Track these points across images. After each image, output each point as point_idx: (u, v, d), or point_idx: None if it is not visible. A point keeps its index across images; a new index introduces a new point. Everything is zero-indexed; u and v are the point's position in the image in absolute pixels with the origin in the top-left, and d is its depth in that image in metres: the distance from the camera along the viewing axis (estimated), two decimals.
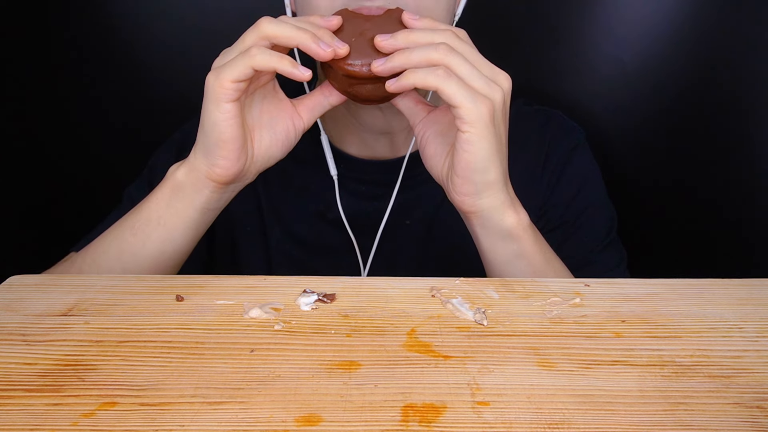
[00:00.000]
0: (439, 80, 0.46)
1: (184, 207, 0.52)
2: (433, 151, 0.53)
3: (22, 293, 0.45)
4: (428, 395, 0.34)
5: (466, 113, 0.46)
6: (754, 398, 0.34)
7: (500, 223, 0.51)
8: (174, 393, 0.34)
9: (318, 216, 0.68)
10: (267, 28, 0.47)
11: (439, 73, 0.46)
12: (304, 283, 0.46)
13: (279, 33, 0.47)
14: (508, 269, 0.53)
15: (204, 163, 0.51)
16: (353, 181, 0.66)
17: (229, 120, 0.48)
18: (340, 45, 0.48)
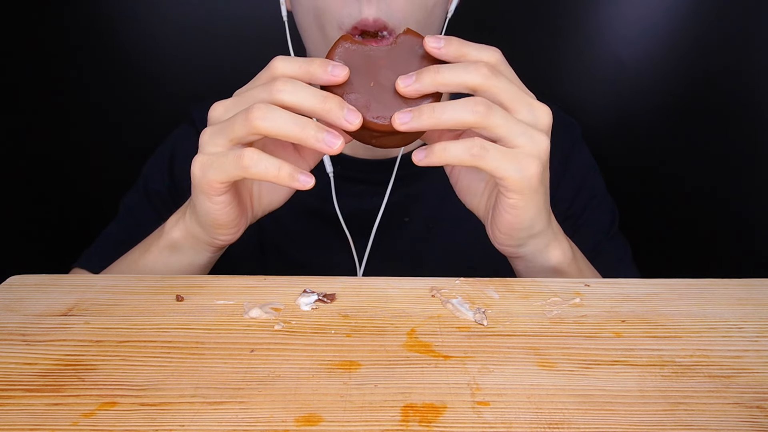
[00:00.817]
0: (476, 159, 0.41)
1: (186, 261, 0.51)
2: (466, 187, 0.50)
3: (22, 293, 0.45)
4: (428, 395, 0.34)
5: (511, 183, 0.42)
6: (754, 398, 0.34)
7: (545, 263, 0.49)
8: (174, 393, 0.34)
9: (313, 214, 0.68)
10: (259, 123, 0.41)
11: (475, 151, 0.41)
12: (304, 283, 0.46)
13: (273, 129, 0.41)
14: None
15: (203, 234, 0.49)
16: (349, 180, 0.66)
17: (224, 209, 0.46)
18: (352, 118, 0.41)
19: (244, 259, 0.69)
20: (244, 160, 0.41)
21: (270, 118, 0.40)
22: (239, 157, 0.42)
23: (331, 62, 0.42)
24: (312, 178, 0.42)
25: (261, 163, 0.41)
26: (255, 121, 0.41)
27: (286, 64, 0.43)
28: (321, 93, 0.41)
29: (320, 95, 0.41)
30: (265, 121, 0.40)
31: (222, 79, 0.87)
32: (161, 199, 0.70)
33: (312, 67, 0.42)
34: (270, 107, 0.41)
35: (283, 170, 0.41)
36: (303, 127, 0.40)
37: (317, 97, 0.41)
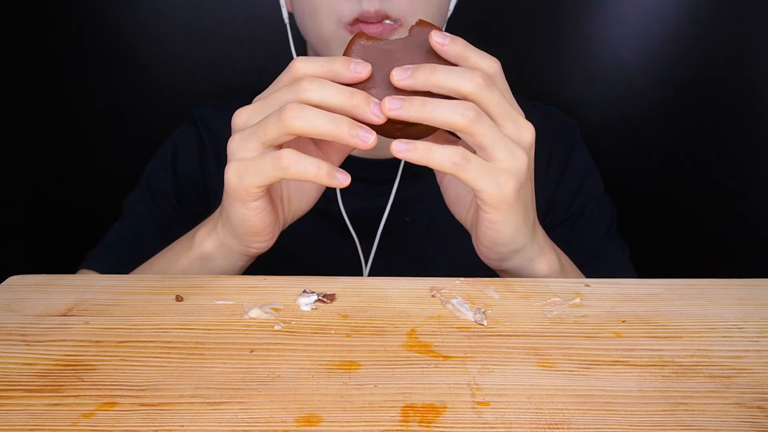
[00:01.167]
0: (456, 168, 0.41)
1: (219, 271, 0.51)
2: (454, 197, 0.50)
3: (21, 293, 0.45)
4: (428, 395, 0.34)
5: (488, 197, 0.43)
6: (755, 398, 0.34)
7: (532, 275, 0.49)
8: (174, 393, 0.34)
9: (316, 214, 0.68)
10: (293, 122, 0.41)
11: (457, 160, 0.41)
12: (303, 283, 0.46)
13: (309, 128, 0.41)
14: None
15: (236, 243, 0.49)
16: (353, 180, 0.66)
17: (259, 214, 0.46)
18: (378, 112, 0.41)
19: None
20: (283, 161, 0.41)
21: (303, 117, 0.40)
22: (278, 158, 0.41)
23: (353, 60, 0.42)
24: (348, 176, 0.42)
25: (300, 162, 0.41)
26: (289, 120, 0.40)
27: (307, 65, 0.43)
28: (347, 89, 0.41)
29: (347, 91, 0.41)
30: (299, 121, 0.40)
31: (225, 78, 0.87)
32: (165, 198, 0.70)
33: (335, 66, 0.42)
34: (302, 106, 0.41)
35: (322, 169, 0.41)
36: (338, 124, 0.40)
37: (344, 94, 0.41)
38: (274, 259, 0.69)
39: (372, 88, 0.43)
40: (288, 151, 0.42)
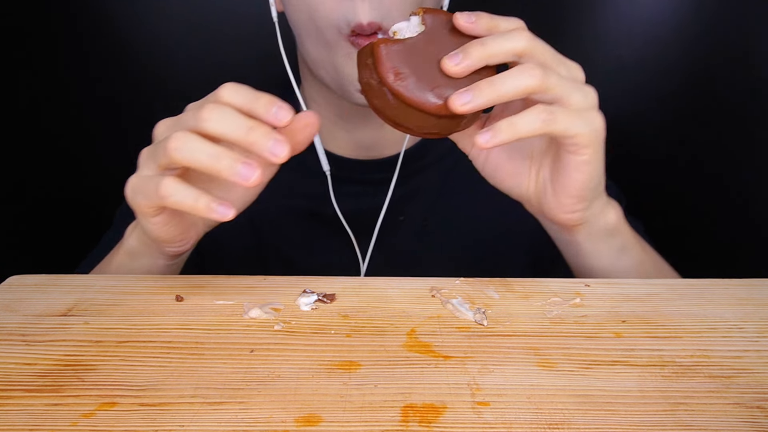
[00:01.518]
0: (547, 125, 0.40)
1: (145, 268, 0.51)
2: (510, 172, 0.48)
3: (21, 293, 0.45)
4: (428, 395, 0.34)
5: (583, 138, 0.42)
6: (755, 398, 0.34)
7: (605, 224, 0.48)
8: (174, 393, 0.34)
9: (310, 216, 0.68)
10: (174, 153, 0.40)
11: (544, 116, 0.40)
12: (303, 283, 0.46)
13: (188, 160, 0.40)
14: (613, 268, 0.51)
15: (153, 243, 0.48)
16: (345, 181, 0.66)
17: (162, 227, 0.45)
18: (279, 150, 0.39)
19: (242, 263, 0.70)
20: (161, 190, 0.41)
21: (185, 149, 0.40)
22: (158, 186, 0.41)
23: (277, 103, 0.41)
24: (231, 210, 0.40)
25: (178, 193, 0.41)
26: (171, 151, 0.40)
27: (231, 92, 0.42)
28: (247, 123, 0.40)
29: (245, 126, 0.40)
30: (180, 152, 0.40)
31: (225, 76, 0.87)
32: None
33: (257, 104, 0.41)
34: (187, 137, 0.40)
35: (200, 201, 0.40)
36: (217, 159, 0.39)
37: (242, 128, 0.40)
38: (268, 261, 0.69)
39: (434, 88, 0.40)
40: (168, 180, 0.41)
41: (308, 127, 0.44)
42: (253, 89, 0.42)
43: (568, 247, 0.51)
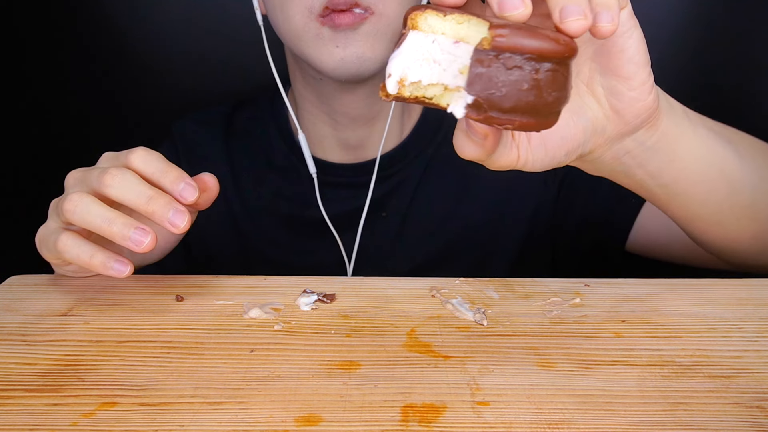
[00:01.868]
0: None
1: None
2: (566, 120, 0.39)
3: (21, 293, 0.45)
4: (428, 395, 0.34)
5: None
6: (754, 398, 0.34)
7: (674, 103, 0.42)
8: (174, 393, 0.34)
9: (294, 219, 0.69)
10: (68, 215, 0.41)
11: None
12: (304, 283, 0.46)
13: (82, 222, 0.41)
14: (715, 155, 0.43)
15: None
16: (329, 184, 0.67)
17: (78, 271, 0.46)
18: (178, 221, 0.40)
19: (227, 268, 0.70)
20: (58, 246, 0.42)
21: (78, 212, 0.41)
22: (56, 241, 0.42)
23: (185, 180, 0.42)
24: (127, 267, 0.42)
25: (73, 249, 0.42)
26: (65, 212, 0.41)
27: (140, 160, 0.43)
28: (148, 193, 0.41)
29: (146, 195, 0.41)
30: (74, 215, 0.41)
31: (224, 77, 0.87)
32: None
33: (164, 178, 0.42)
34: (83, 200, 0.41)
35: (95, 258, 0.42)
36: (110, 223, 0.41)
37: (142, 197, 0.41)
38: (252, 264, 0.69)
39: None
40: (65, 236, 0.42)
41: (206, 193, 0.45)
42: (165, 160, 0.43)
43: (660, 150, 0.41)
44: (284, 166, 0.69)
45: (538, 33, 0.28)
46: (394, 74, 0.30)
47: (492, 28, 0.28)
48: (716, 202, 0.45)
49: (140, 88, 0.90)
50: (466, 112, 0.29)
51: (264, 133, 0.70)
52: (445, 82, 0.30)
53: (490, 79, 0.28)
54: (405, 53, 0.30)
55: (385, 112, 0.65)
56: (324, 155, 0.67)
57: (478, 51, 0.28)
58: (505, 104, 0.28)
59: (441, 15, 0.29)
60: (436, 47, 0.30)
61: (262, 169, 0.69)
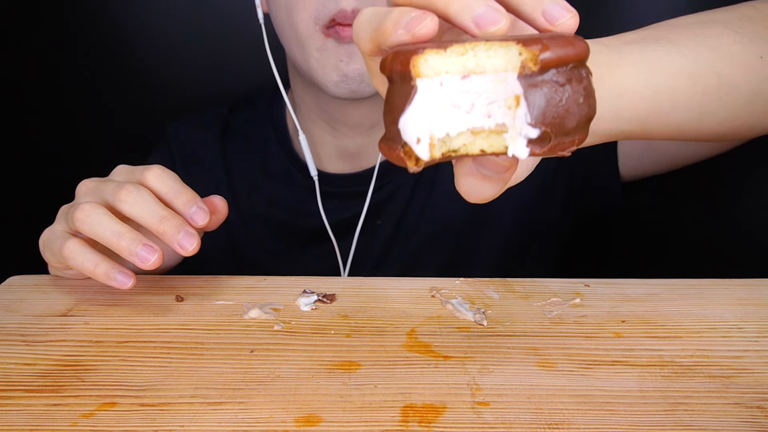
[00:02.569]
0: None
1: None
2: None
3: (21, 293, 0.45)
4: (428, 395, 0.34)
5: None
6: (755, 398, 0.34)
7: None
8: (174, 393, 0.34)
9: (288, 227, 0.69)
10: (78, 224, 0.42)
11: None
12: (303, 283, 0.46)
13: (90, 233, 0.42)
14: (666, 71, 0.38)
15: None
16: (324, 194, 0.67)
17: (78, 275, 0.46)
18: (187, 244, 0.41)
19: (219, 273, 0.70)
20: (64, 251, 0.42)
21: (89, 222, 0.41)
22: (62, 246, 0.43)
23: (197, 203, 0.43)
24: (131, 279, 0.42)
25: (79, 257, 0.42)
26: (76, 221, 0.42)
27: (157, 178, 0.44)
28: (161, 213, 0.41)
29: (159, 215, 0.41)
30: (84, 224, 0.42)
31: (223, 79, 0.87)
32: None
33: (177, 199, 0.43)
34: (95, 211, 0.42)
35: (99, 268, 0.42)
36: (118, 237, 0.41)
37: (155, 217, 0.41)
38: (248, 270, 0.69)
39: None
40: (72, 243, 0.42)
41: (215, 215, 0.46)
42: (179, 180, 0.44)
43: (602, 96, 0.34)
44: (280, 173, 0.68)
45: (560, 38, 0.25)
46: (423, 137, 0.25)
47: (525, 46, 0.24)
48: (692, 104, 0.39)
49: (136, 90, 0.89)
50: (530, 150, 0.25)
51: (261, 137, 0.70)
52: (474, 126, 0.26)
53: (551, 102, 0.25)
54: (423, 108, 0.25)
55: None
56: (321, 165, 0.67)
57: (525, 77, 0.25)
58: (569, 125, 0.25)
59: (442, 51, 0.25)
60: (446, 90, 0.25)
61: (257, 174, 0.69)
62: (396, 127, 0.25)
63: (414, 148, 0.25)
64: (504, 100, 0.25)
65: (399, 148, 0.26)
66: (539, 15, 0.27)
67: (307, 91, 0.65)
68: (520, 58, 0.25)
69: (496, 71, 0.25)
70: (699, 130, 0.41)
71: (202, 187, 0.46)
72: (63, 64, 0.88)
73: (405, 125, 0.25)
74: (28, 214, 0.92)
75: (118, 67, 0.88)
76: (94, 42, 0.87)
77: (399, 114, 0.25)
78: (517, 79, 0.25)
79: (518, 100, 0.25)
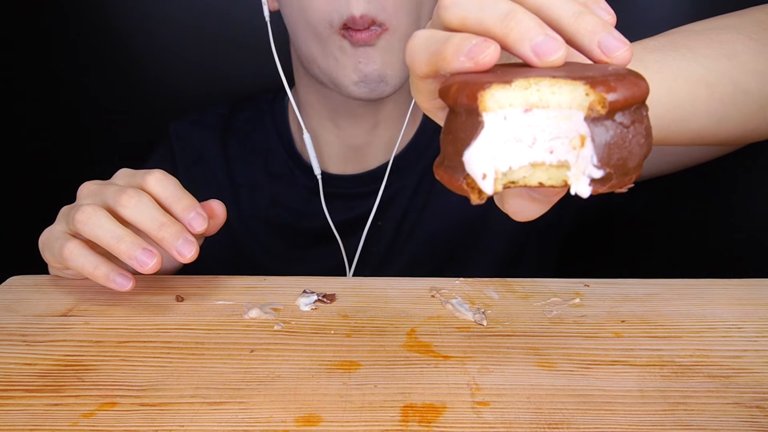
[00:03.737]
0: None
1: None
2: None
3: (22, 294, 0.45)
4: (428, 395, 0.34)
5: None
6: (754, 398, 0.34)
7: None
8: (174, 393, 0.34)
9: (289, 228, 0.69)
10: (79, 226, 0.42)
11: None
12: (303, 283, 0.46)
13: (90, 235, 0.42)
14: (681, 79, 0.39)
15: None
16: (330, 196, 0.67)
17: (76, 275, 0.46)
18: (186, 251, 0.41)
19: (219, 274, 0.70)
20: (64, 253, 0.43)
21: (90, 224, 0.42)
22: (62, 247, 0.43)
23: (196, 209, 0.43)
24: (130, 282, 0.42)
25: (79, 259, 0.42)
26: (76, 223, 0.42)
27: (158, 183, 0.44)
28: (160, 219, 0.42)
29: (158, 221, 0.42)
30: (84, 226, 0.42)
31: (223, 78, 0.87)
32: None
33: (176, 204, 0.43)
34: (96, 213, 0.42)
35: (98, 270, 0.42)
36: (118, 241, 0.41)
37: (155, 223, 0.42)
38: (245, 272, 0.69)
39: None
40: (72, 244, 0.43)
41: (213, 219, 0.46)
42: (180, 186, 0.44)
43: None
44: (282, 173, 0.68)
45: (625, 80, 0.25)
46: (488, 172, 0.25)
47: (594, 88, 0.24)
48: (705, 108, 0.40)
49: (137, 91, 0.90)
50: (592, 189, 0.25)
51: (263, 137, 0.70)
52: (535, 160, 0.26)
53: (618, 144, 0.25)
54: (488, 143, 0.25)
55: (389, 119, 0.65)
56: (323, 165, 0.67)
57: (593, 119, 0.25)
58: (630, 164, 0.25)
59: (507, 85, 0.25)
60: (509, 123, 0.26)
61: (259, 174, 0.69)
62: (460, 158, 0.25)
63: (479, 183, 0.26)
64: (569, 138, 0.26)
65: (461, 180, 0.26)
66: (595, 47, 0.27)
67: (312, 88, 0.65)
68: (588, 99, 0.25)
69: (560, 107, 0.25)
70: (716, 135, 0.42)
71: (203, 186, 0.46)
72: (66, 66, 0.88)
73: (470, 159, 0.25)
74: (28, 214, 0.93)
75: (120, 67, 0.88)
76: (96, 42, 0.87)
77: (464, 147, 0.25)
78: (584, 120, 0.25)
79: (583, 140, 0.25)
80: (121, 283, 0.42)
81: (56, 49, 0.87)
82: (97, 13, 0.86)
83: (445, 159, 0.27)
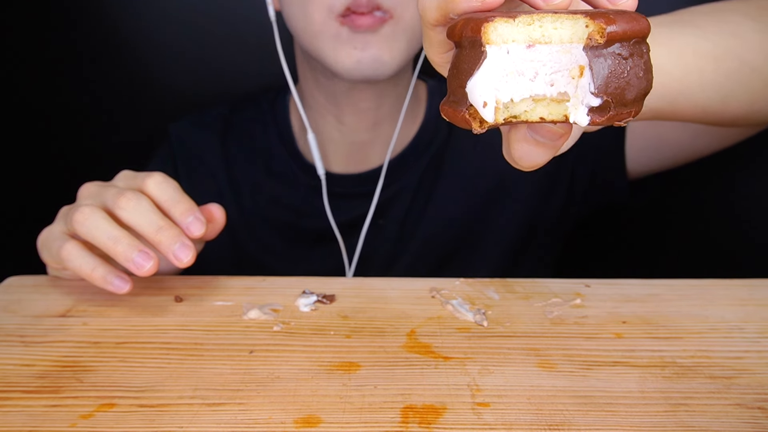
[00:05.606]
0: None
1: None
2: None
3: (20, 294, 0.45)
4: (428, 396, 0.34)
5: None
6: (756, 399, 0.34)
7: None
8: (173, 394, 0.34)
9: (290, 227, 0.69)
10: (76, 226, 0.42)
11: None
12: (303, 284, 0.45)
13: (88, 236, 0.42)
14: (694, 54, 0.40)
15: None
16: (330, 194, 0.66)
17: (73, 276, 0.46)
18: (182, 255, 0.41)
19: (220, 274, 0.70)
20: (62, 253, 0.43)
21: (87, 225, 0.42)
22: (60, 248, 0.43)
23: (194, 213, 0.43)
24: (127, 284, 0.42)
25: (77, 260, 0.42)
26: (74, 223, 0.42)
27: (157, 186, 0.44)
28: (158, 223, 0.42)
29: (156, 225, 0.42)
30: (82, 227, 0.42)
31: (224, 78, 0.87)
32: None
33: (174, 208, 0.43)
34: (94, 214, 0.42)
35: (96, 272, 0.42)
36: (115, 242, 0.41)
37: (152, 226, 0.42)
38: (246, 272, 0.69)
39: None
40: (70, 245, 0.43)
41: (212, 224, 0.46)
42: (179, 189, 0.44)
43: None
44: (283, 173, 0.68)
45: (625, 14, 0.26)
46: (489, 100, 0.26)
47: (594, 20, 0.26)
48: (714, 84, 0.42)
49: (138, 92, 0.90)
50: (591, 119, 0.26)
51: (264, 137, 0.70)
52: (536, 93, 0.27)
53: (615, 74, 0.26)
54: (490, 73, 0.26)
55: (390, 116, 0.65)
56: (326, 165, 0.67)
57: (591, 48, 0.26)
58: (629, 96, 0.26)
59: (511, 20, 0.26)
60: (512, 58, 0.27)
61: (259, 174, 0.69)
62: (463, 90, 0.26)
63: (480, 111, 0.27)
64: (568, 70, 0.26)
65: (464, 110, 0.27)
66: None
67: (316, 86, 0.64)
68: (587, 31, 0.26)
69: (561, 42, 0.26)
70: (722, 112, 0.44)
71: (204, 187, 0.46)
72: (65, 66, 0.88)
73: (472, 88, 0.26)
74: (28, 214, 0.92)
75: (120, 68, 0.88)
76: (96, 42, 0.87)
77: (467, 77, 0.26)
78: (583, 50, 0.26)
79: (582, 70, 0.26)
80: (118, 285, 0.42)
81: (56, 49, 0.87)
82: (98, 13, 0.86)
83: (450, 95, 0.28)
